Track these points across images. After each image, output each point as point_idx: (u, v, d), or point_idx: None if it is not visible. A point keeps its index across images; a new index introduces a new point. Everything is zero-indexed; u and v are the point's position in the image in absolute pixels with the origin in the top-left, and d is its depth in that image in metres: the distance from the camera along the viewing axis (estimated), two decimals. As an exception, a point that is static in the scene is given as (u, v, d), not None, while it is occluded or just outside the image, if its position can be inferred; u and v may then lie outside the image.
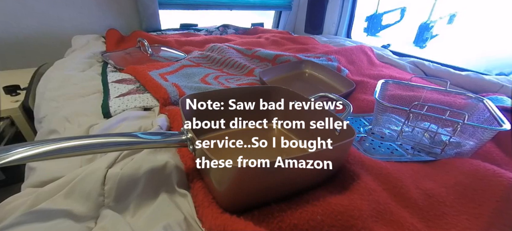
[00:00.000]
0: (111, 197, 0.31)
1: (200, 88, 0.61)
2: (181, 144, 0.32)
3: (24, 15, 0.95)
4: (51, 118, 0.49)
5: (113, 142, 0.29)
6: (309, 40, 1.26)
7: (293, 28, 1.76)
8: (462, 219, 0.32)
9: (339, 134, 0.37)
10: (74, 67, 0.72)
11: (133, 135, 0.31)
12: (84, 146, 0.28)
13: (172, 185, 0.34)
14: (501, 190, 0.34)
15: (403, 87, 0.63)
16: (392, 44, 1.41)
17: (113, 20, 1.14)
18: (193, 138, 0.30)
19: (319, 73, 0.81)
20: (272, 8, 1.65)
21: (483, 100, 0.52)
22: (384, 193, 0.36)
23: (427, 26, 3.09)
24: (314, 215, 0.29)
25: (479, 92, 0.73)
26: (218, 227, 0.27)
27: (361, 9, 1.52)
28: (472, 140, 0.44)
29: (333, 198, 0.31)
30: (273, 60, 0.87)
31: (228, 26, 1.45)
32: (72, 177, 0.32)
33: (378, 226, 0.31)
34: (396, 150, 0.47)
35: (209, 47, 0.94)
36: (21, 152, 0.25)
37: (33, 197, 0.30)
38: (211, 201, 0.30)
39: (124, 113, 0.49)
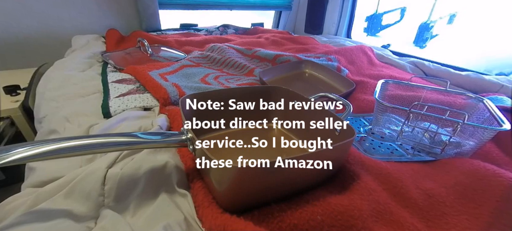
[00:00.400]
0: (111, 197, 0.31)
1: (200, 88, 0.61)
2: (181, 144, 0.32)
3: (24, 15, 0.95)
4: (51, 118, 0.49)
5: (113, 142, 0.29)
6: (309, 40, 1.26)
7: (293, 28, 1.76)
8: (462, 219, 0.32)
9: (339, 134, 0.37)
10: (74, 67, 0.72)
11: (133, 135, 0.31)
12: (84, 146, 0.28)
13: (172, 185, 0.34)
14: (501, 190, 0.34)
15: (403, 87, 0.63)
16: (392, 44, 1.42)
17: (113, 20, 1.14)
18: (193, 138, 0.30)
19: (319, 73, 0.81)
20: (272, 8, 1.65)
21: (483, 100, 0.52)
22: (384, 193, 0.36)
23: (427, 26, 3.09)
24: (314, 215, 0.29)
25: (479, 92, 0.73)
26: (218, 227, 0.27)
27: (361, 9, 1.52)
28: (472, 140, 0.44)
29: (333, 198, 0.31)
30: (273, 60, 0.87)
31: (228, 26, 1.45)
32: (72, 177, 0.32)
33: (378, 226, 0.31)
34: (396, 150, 0.47)
35: (209, 47, 0.94)
36: (21, 152, 0.25)
37: (33, 197, 0.30)
38: (211, 201, 0.30)
39: (124, 113, 0.49)
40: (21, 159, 0.25)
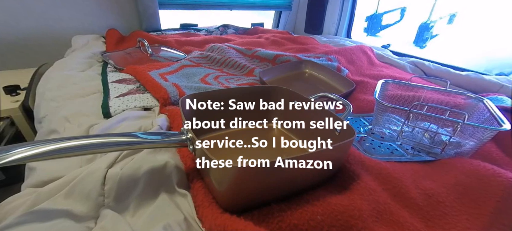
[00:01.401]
0: (111, 197, 0.31)
1: (200, 88, 0.61)
2: (181, 144, 0.32)
3: (24, 15, 0.95)
4: (51, 117, 0.49)
5: (113, 142, 0.29)
6: (309, 40, 1.26)
7: (293, 28, 1.76)
8: (462, 219, 0.32)
9: (339, 134, 0.37)
10: (74, 67, 0.72)
11: (133, 135, 0.31)
12: (84, 146, 0.28)
13: (172, 185, 0.34)
14: (501, 190, 0.34)
15: (403, 87, 0.63)
16: (392, 44, 1.42)
17: (113, 20, 1.14)
18: (193, 138, 0.30)
19: (319, 73, 0.81)
20: (272, 8, 1.65)
21: (483, 100, 0.52)
22: (384, 193, 0.36)
23: (427, 26, 3.09)
24: (314, 215, 0.29)
25: (479, 92, 0.73)
26: (218, 227, 0.26)
27: (361, 9, 1.52)
28: (472, 140, 0.44)
29: (333, 198, 0.31)
30: (273, 60, 0.87)
31: (228, 26, 1.45)
32: (72, 177, 0.32)
33: (378, 226, 0.30)
34: (396, 150, 0.47)
35: (209, 47, 0.94)
36: (21, 152, 0.25)
37: (33, 197, 0.30)
38: (211, 201, 0.30)
39: (124, 113, 0.49)
40: (21, 159, 0.25)
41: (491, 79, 0.80)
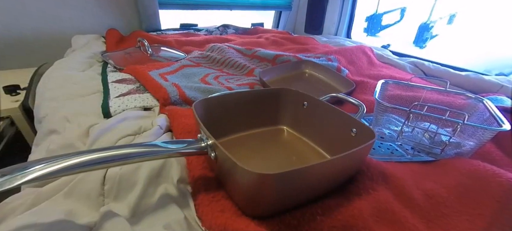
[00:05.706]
0: (111, 197, 0.31)
1: (200, 88, 0.61)
2: (201, 152, 0.31)
3: (24, 15, 0.95)
4: (51, 117, 0.49)
5: (135, 153, 0.28)
6: (309, 40, 1.27)
7: (293, 28, 1.76)
8: (462, 220, 0.32)
9: (355, 135, 0.37)
10: (74, 67, 0.72)
11: (154, 145, 0.30)
12: (106, 159, 0.26)
13: (172, 185, 0.34)
14: (501, 190, 0.34)
15: (403, 87, 0.63)
16: (392, 44, 1.41)
17: (113, 20, 1.14)
18: (215, 144, 0.28)
19: (319, 74, 0.81)
20: (272, 8, 1.65)
21: (483, 100, 0.52)
22: (384, 193, 0.35)
23: (427, 26, 3.09)
24: (314, 215, 0.29)
25: (479, 92, 0.73)
26: (218, 226, 0.26)
27: (361, 9, 1.53)
28: (472, 140, 0.44)
29: (333, 198, 0.31)
30: (273, 60, 0.87)
31: (228, 26, 1.45)
32: (72, 177, 0.32)
33: (379, 226, 0.30)
34: (396, 150, 0.47)
35: (209, 47, 0.94)
36: (38, 169, 0.23)
37: (33, 197, 0.30)
38: (211, 200, 0.30)
39: (124, 113, 0.48)
40: (40, 176, 0.23)
41: (491, 79, 0.80)
